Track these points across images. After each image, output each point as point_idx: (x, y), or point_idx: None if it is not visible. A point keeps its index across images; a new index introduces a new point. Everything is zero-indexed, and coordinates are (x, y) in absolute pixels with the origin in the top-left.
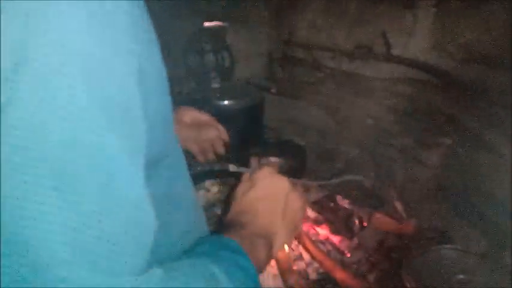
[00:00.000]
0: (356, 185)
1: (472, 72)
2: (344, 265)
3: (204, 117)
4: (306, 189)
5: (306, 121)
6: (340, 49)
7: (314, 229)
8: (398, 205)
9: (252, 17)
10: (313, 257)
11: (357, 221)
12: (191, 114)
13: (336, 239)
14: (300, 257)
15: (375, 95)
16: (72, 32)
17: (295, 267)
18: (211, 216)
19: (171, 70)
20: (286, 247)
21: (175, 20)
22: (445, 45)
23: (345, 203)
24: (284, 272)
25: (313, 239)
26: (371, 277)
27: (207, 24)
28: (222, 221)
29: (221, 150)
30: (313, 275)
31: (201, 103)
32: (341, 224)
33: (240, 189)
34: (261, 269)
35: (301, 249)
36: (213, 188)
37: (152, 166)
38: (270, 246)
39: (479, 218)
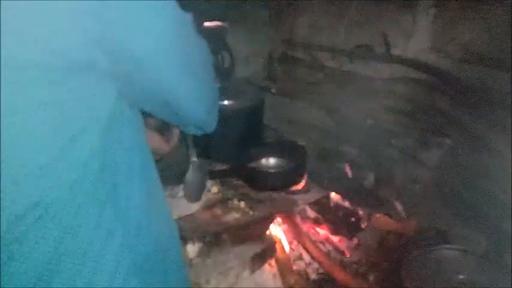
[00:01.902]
0: (356, 185)
1: (472, 72)
2: (344, 265)
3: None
4: (306, 190)
5: (306, 121)
6: (340, 49)
7: (314, 229)
8: (398, 205)
9: (252, 17)
10: (313, 257)
11: (357, 221)
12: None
13: (336, 239)
14: (300, 257)
15: (375, 95)
16: None
17: (295, 267)
18: (211, 217)
19: None
20: (286, 247)
21: None
22: (445, 45)
23: (345, 203)
24: (284, 272)
25: (313, 239)
26: (371, 277)
27: (207, 24)
28: None
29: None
30: (313, 275)
31: None
32: (341, 224)
33: None
34: None
35: (301, 249)
36: (213, 188)
37: None
38: None
39: (479, 218)
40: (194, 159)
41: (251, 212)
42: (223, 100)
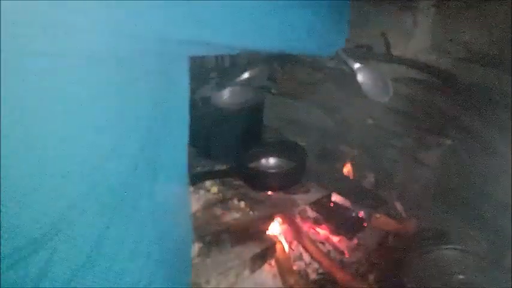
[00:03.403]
0: (356, 185)
1: (472, 72)
2: (344, 265)
3: None
4: (306, 190)
5: (306, 121)
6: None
7: (314, 229)
8: (398, 205)
9: None
10: (313, 257)
11: (357, 221)
12: None
13: (336, 239)
14: (300, 257)
15: None
16: None
17: (295, 267)
18: (211, 217)
19: None
20: (286, 247)
21: None
22: (445, 45)
23: (345, 203)
24: (284, 272)
25: (313, 239)
26: (371, 277)
27: None
28: None
29: None
30: (313, 275)
31: (201, 103)
32: (341, 224)
33: None
34: None
35: (301, 249)
36: (213, 188)
37: None
38: None
39: (479, 218)
40: (357, 65)
41: (251, 212)
42: (224, 100)
